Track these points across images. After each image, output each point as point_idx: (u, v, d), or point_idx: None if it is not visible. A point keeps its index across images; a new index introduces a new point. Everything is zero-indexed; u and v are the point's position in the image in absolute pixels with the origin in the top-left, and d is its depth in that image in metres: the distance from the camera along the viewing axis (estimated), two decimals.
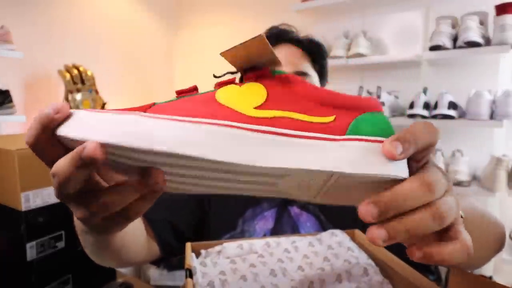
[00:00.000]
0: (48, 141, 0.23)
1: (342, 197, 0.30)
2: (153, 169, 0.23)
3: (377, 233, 0.22)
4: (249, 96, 0.27)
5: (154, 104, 0.26)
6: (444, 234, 0.25)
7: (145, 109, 0.25)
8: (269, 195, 0.30)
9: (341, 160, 0.24)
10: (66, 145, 0.23)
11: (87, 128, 0.21)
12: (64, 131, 0.22)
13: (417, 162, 0.25)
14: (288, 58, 0.70)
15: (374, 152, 0.24)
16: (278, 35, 0.73)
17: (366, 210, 0.22)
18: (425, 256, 0.24)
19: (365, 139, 0.25)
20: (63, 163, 0.21)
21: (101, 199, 0.23)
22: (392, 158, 0.23)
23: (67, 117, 0.23)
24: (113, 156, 0.23)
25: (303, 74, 0.70)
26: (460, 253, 0.24)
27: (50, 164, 0.23)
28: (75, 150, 0.21)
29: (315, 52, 0.74)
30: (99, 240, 0.41)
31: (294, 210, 0.68)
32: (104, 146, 0.21)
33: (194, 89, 0.29)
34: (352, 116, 0.27)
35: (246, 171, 0.24)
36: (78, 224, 0.41)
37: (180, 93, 0.28)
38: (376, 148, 0.24)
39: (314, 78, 0.73)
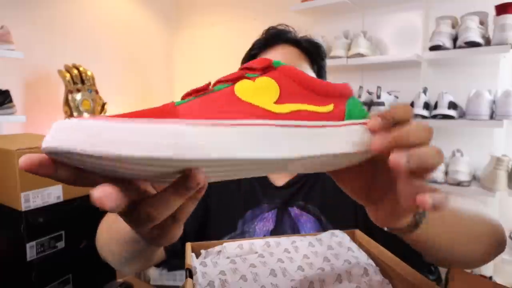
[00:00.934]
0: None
1: (323, 168, 0.34)
2: (192, 170, 0.22)
3: (398, 156, 0.25)
4: (265, 91, 0.28)
5: (175, 104, 0.25)
6: None
7: (167, 111, 0.24)
8: (267, 173, 0.33)
9: (349, 142, 0.28)
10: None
11: (124, 144, 0.19)
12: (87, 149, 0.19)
13: None
14: (286, 59, 0.70)
15: (365, 132, 0.29)
16: (276, 36, 0.73)
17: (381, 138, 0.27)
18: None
19: (361, 123, 0.29)
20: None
21: (151, 207, 0.23)
22: (374, 131, 0.28)
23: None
24: (153, 168, 0.22)
25: None
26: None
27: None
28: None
29: (314, 53, 0.74)
30: (147, 249, 0.42)
31: (295, 211, 0.68)
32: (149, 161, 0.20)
33: (209, 85, 0.29)
34: (342, 102, 0.30)
35: (275, 162, 0.26)
36: (123, 234, 0.42)
37: (196, 92, 0.29)
38: (365, 129, 0.29)
39: None
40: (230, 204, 0.70)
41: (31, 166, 0.20)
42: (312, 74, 0.73)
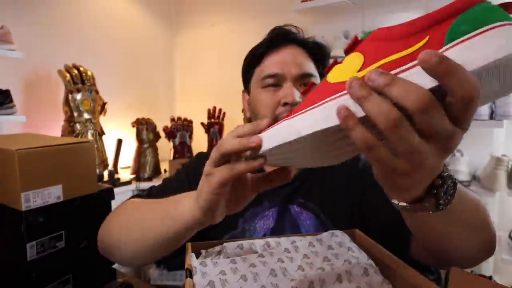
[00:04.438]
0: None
1: None
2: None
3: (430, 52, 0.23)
4: (349, 66, 0.31)
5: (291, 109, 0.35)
6: None
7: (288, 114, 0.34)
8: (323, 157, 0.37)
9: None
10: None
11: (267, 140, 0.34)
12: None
13: None
14: (293, 59, 0.70)
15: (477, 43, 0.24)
16: (283, 36, 0.73)
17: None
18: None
19: (465, 38, 0.24)
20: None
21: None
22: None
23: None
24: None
25: (309, 75, 0.70)
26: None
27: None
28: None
29: (319, 54, 0.74)
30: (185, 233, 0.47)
31: (295, 208, 0.68)
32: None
33: (312, 84, 0.36)
34: (447, 25, 0.26)
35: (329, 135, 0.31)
36: (173, 210, 0.47)
37: (303, 93, 0.36)
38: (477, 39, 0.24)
39: (317, 79, 0.73)
40: None
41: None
42: (317, 74, 0.73)
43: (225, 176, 0.37)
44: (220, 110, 2.36)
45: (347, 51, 0.32)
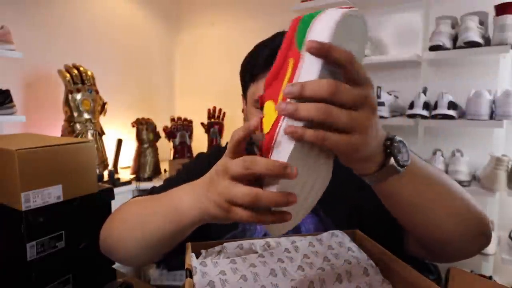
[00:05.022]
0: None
1: None
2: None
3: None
4: (270, 109, 0.38)
5: None
6: None
7: None
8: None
9: None
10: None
11: None
12: None
13: None
14: None
15: None
16: None
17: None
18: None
19: (308, 32, 0.36)
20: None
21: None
22: None
23: None
24: None
25: None
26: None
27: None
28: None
29: None
30: (189, 230, 0.48)
31: None
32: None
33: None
34: (294, 43, 0.37)
35: None
36: (178, 216, 0.46)
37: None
38: None
39: None
40: None
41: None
42: None
43: (245, 200, 0.35)
44: (220, 110, 2.36)
45: (260, 106, 0.39)
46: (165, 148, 2.35)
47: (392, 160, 0.39)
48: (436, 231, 0.48)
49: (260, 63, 0.67)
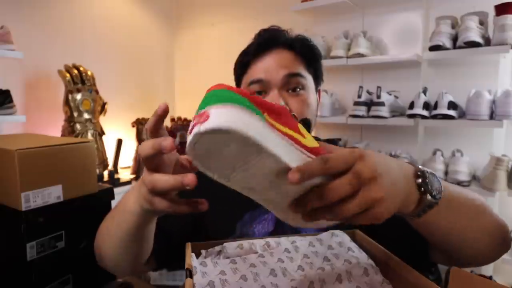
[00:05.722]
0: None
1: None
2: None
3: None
4: (305, 131, 0.39)
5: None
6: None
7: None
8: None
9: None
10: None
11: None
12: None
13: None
14: (278, 63, 0.68)
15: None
16: (269, 41, 0.71)
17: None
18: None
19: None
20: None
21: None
22: None
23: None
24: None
25: (297, 75, 0.69)
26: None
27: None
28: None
29: (308, 55, 0.72)
30: (142, 226, 0.48)
31: None
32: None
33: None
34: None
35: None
36: (126, 214, 0.47)
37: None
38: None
39: (308, 80, 0.71)
40: (226, 207, 0.69)
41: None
42: (308, 75, 0.71)
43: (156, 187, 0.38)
44: None
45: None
46: None
47: (428, 197, 0.39)
48: (469, 250, 0.50)
49: (250, 51, 0.71)
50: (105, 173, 2.02)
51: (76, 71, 1.91)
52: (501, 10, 1.34)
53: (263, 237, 0.51)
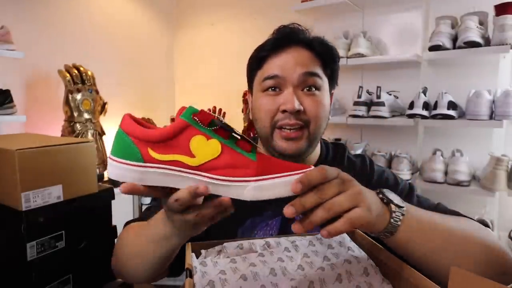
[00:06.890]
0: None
1: None
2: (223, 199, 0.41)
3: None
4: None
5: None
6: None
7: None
8: None
9: None
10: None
11: None
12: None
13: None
14: (295, 61, 0.67)
15: None
16: (289, 37, 0.69)
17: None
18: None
19: None
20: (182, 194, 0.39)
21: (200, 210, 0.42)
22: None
23: None
24: None
25: (314, 74, 0.67)
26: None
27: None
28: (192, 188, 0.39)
29: (327, 56, 0.70)
30: (174, 245, 0.51)
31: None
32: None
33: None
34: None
35: None
36: (155, 234, 0.51)
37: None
38: None
39: (324, 81, 0.70)
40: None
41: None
42: (324, 77, 0.70)
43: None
44: (220, 110, 2.36)
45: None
46: None
47: (393, 206, 0.45)
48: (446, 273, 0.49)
49: (267, 46, 0.70)
50: (105, 173, 2.02)
51: (76, 71, 1.91)
52: (500, 10, 1.34)
53: (263, 237, 0.51)
